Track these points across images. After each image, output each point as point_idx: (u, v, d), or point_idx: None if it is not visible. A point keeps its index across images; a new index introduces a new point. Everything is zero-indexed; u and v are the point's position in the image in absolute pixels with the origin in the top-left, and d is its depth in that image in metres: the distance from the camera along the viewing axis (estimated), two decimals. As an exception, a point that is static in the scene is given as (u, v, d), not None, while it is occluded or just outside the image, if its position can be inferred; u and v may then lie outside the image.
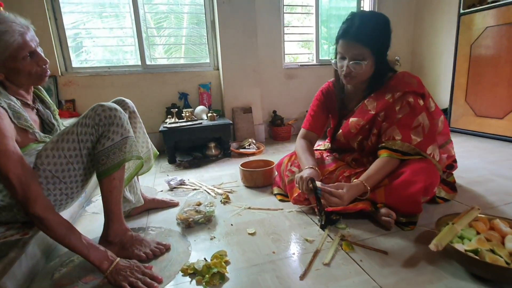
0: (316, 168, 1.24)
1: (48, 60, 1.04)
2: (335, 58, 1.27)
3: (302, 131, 1.49)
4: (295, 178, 1.26)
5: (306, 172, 1.21)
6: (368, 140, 1.32)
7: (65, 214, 1.31)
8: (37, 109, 1.10)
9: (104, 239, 1.07)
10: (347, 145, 1.41)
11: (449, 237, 0.87)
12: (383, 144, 1.21)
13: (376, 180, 1.16)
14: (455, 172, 1.48)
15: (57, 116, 1.21)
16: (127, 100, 1.32)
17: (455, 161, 1.44)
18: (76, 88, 2.51)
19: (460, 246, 0.88)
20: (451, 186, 1.41)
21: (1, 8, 1.64)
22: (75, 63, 2.55)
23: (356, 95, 1.34)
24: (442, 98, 3.03)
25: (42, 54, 1.03)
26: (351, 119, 1.31)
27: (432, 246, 0.85)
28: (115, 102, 1.29)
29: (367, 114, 1.25)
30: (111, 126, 1.02)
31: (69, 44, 2.49)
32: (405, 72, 1.27)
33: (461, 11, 2.58)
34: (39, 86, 1.16)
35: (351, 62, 1.18)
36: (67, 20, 2.46)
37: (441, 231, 0.97)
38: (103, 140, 1.01)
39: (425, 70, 3.28)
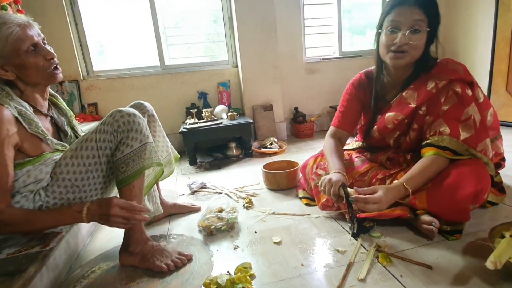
0: (344, 174, 1.13)
1: (55, 54, 1.00)
2: (378, 37, 1.15)
3: (330, 129, 1.37)
4: (320, 181, 1.14)
5: (334, 176, 1.09)
6: (406, 136, 1.19)
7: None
8: (51, 117, 1.08)
9: (125, 249, 1.04)
10: (382, 142, 1.29)
11: (508, 252, 0.75)
12: (428, 141, 1.07)
13: (419, 182, 1.03)
14: (501, 171, 1.32)
15: (74, 122, 1.18)
16: (146, 104, 1.28)
17: (503, 159, 1.28)
18: (98, 92, 2.53)
19: (521, 262, 0.76)
20: (499, 187, 1.26)
21: (23, 15, 1.64)
22: (96, 67, 2.57)
23: (394, 86, 1.21)
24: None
25: (49, 48, 0.99)
26: (388, 114, 1.18)
27: (489, 264, 0.73)
28: (133, 106, 1.25)
29: (407, 107, 1.13)
30: (130, 132, 0.99)
31: (89, 49, 2.51)
32: (449, 59, 1.13)
33: (501, -10, 2.34)
34: (55, 94, 1.14)
35: (408, 32, 1.04)
36: (87, 24, 2.47)
37: (495, 243, 0.85)
38: (122, 147, 0.98)
39: (459, 58, 3.03)
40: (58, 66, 1.01)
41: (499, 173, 1.30)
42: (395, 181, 1.04)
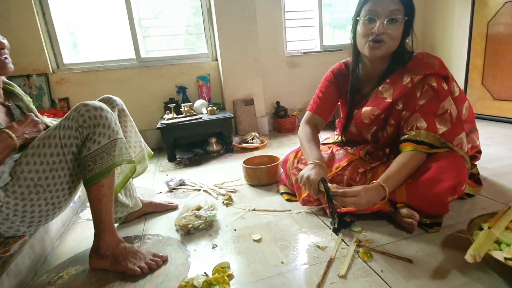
0: (323, 163, 1.10)
1: (5, 43, 0.92)
2: (354, 28, 1.12)
3: (307, 114, 1.34)
4: (299, 177, 1.11)
5: (313, 172, 1.05)
6: (383, 131, 1.18)
7: (56, 221, 1.22)
8: (8, 107, 1.00)
9: (95, 252, 0.98)
10: (360, 136, 1.27)
11: (487, 245, 0.75)
12: (406, 136, 1.05)
13: (398, 180, 1.01)
14: (478, 163, 1.34)
15: (32, 106, 1.10)
16: (115, 98, 1.20)
17: (479, 151, 1.30)
18: (69, 86, 2.40)
19: (498, 254, 0.76)
20: (475, 178, 1.27)
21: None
22: (66, 60, 2.43)
23: (371, 79, 1.19)
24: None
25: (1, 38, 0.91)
26: (364, 109, 1.16)
27: (468, 258, 0.72)
28: (102, 100, 1.18)
29: (383, 102, 1.11)
30: (97, 127, 0.92)
31: (59, 40, 2.36)
32: (424, 52, 1.12)
33: (477, -15, 2.39)
34: (10, 82, 1.07)
35: (386, 20, 1.01)
36: (56, 14, 2.32)
37: (473, 235, 0.85)
38: (88, 144, 0.92)
39: (436, 52, 3.08)
40: (8, 57, 0.94)
41: (476, 165, 1.32)
42: (374, 182, 1.01)
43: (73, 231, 1.29)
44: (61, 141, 0.92)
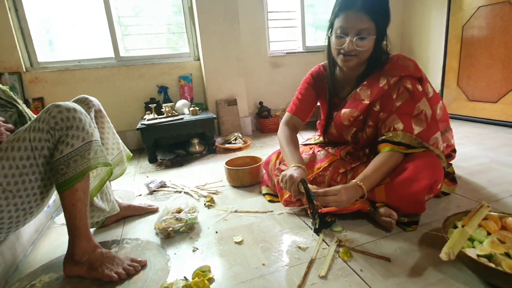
0: (303, 167, 1.11)
1: None
2: (329, 37, 1.12)
3: (286, 115, 1.34)
4: (280, 177, 1.11)
5: (295, 173, 1.06)
6: (363, 132, 1.20)
7: (29, 227, 1.16)
8: None
9: (70, 259, 0.94)
10: (340, 137, 1.29)
11: (461, 243, 0.77)
12: (384, 137, 1.08)
13: (375, 179, 1.03)
14: (453, 162, 1.38)
15: (10, 94, 1.05)
16: (92, 98, 1.16)
17: (454, 150, 1.34)
18: (44, 85, 2.30)
19: (471, 251, 0.78)
20: (451, 177, 1.31)
21: None
22: (41, 58, 2.33)
23: (349, 82, 1.21)
24: (433, 82, 2.88)
25: None
26: (344, 110, 1.18)
27: (443, 256, 0.74)
28: (77, 100, 1.13)
29: (361, 104, 1.13)
30: (70, 129, 0.88)
31: (33, 37, 2.26)
32: (400, 55, 1.14)
33: (452, -10, 2.47)
34: None
35: (355, 38, 1.02)
36: (30, 10, 2.22)
37: (448, 233, 0.87)
38: (61, 147, 0.88)
39: (414, 54, 3.17)
40: None
41: (451, 164, 1.37)
42: (352, 181, 1.03)
43: (47, 237, 1.23)
44: (32, 144, 0.88)
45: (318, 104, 1.37)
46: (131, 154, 1.34)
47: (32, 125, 0.89)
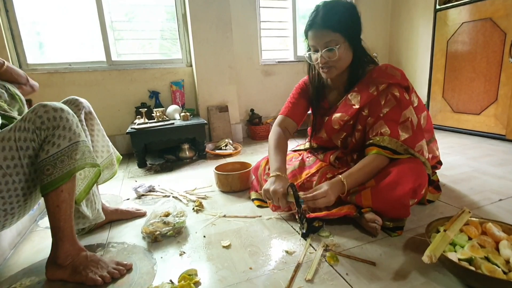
0: (283, 175, 1.13)
1: None
2: (308, 53, 1.19)
3: (279, 118, 1.37)
4: (263, 193, 1.12)
5: (276, 185, 1.07)
6: (352, 137, 1.23)
7: (11, 230, 1.13)
8: None
9: (52, 262, 0.92)
10: (330, 143, 1.32)
11: (442, 246, 0.79)
12: (371, 141, 1.12)
13: (358, 178, 1.07)
14: (437, 170, 1.42)
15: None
16: (82, 99, 1.15)
17: (439, 162, 1.38)
18: (33, 87, 2.27)
19: (453, 255, 0.80)
20: (435, 185, 1.35)
21: None
22: (30, 60, 2.30)
23: (337, 89, 1.26)
24: (419, 94, 2.98)
25: None
26: (335, 115, 1.22)
27: (425, 259, 0.76)
28: (67, 101, 1.13)
29: (351, 108, 1.16)
30: (56, 129, 0.87)
31: (23, 39, 2.24)
32: (388, 64, 1.19)
33: (437, 6, 2.57)
34: None
35: (323, 51, 1.10)
36: (21, 12, 2.21)
37: (431, 237, 0.89)
38: (47, 147, 0.86)
39: (402, 66, 3.27)
40: None
41: (436, 173, 1.40)
42: (337, 176, 1.08)
43: (29, 240, 1.20)
44: (17, 144, 0.86)
45: (310, 112, 1.40)
46: (121, 157, 1.34)
47: (18, 124, 0.88)
